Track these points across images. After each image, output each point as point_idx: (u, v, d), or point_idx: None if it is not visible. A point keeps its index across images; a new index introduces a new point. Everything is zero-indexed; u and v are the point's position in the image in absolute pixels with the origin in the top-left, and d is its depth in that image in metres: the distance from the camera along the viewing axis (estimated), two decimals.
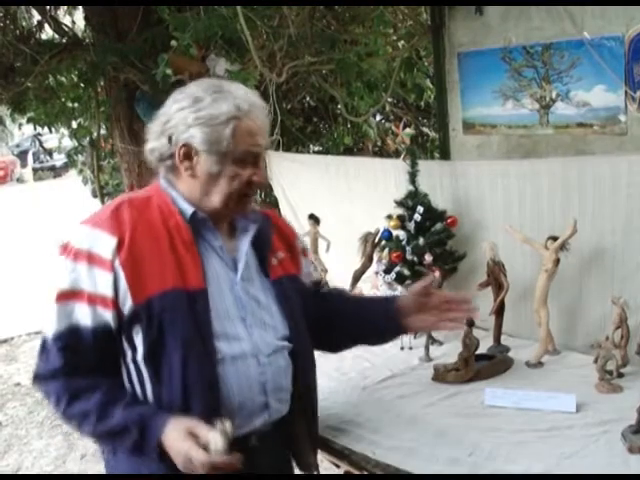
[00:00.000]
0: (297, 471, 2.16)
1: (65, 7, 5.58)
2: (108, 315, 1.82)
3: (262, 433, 1.95)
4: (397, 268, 3.10)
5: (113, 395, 1.84)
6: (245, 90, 1.98)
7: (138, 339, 1.84)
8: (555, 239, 2.64)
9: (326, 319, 2.21)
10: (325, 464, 2.52)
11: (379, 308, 2.26)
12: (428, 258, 3.01)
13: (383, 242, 3.21)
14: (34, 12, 5.36)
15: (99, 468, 2.56)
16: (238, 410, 1.87)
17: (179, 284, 1.85)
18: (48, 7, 5.27)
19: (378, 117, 6.74)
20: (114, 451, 1.95)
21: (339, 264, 3.54)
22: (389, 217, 3.16)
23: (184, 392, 1.82)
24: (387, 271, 3.12)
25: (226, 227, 2.03)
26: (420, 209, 3.07)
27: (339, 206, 3.80)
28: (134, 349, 1.85)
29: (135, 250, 1.84)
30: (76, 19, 5.80)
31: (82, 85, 5.40)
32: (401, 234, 3.15)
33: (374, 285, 3.18)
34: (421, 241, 3.06)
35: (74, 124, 6.22)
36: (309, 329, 2.12)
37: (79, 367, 1.85)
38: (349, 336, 2.30)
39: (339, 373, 2.74)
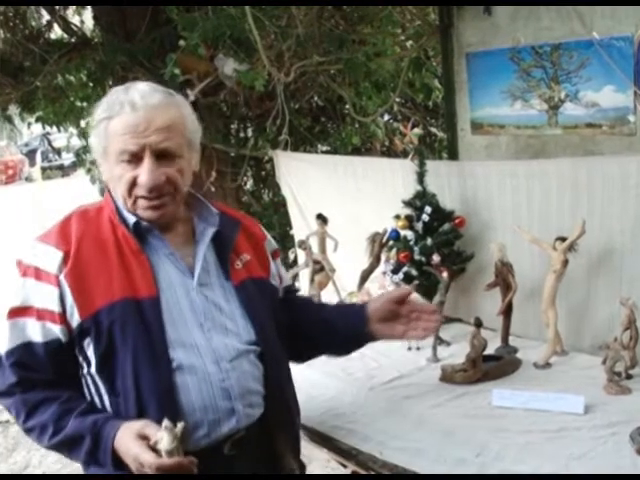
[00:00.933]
0: None
1: (74, 7, 5.60)
2: (57, 330, 1.81)
3: (237, 440, 1.89)
4: (405, 268, 3.10)
5: (70, 406, 1.82)
6: (138, 87, 1.89)
7: (90, 352, 1.82)
8: (563, 240, 2.63)
9: (292, 327, 2.16)
10: (332, 464, 2.52)
11: (347, 316, 2.23)
12: (436, 258, 3.01)
13: (391, 242, 3.21)
14: (43, 12, 5.39)
15: None
16: (201, 418, 1.82)
17: (128, 294, 1.81)
18: (57, 7, 5.30)
19: (386, 117, 6.73)
20: (87, 465, 1.89)
21: (347, 264, 3.54)
22: (397, 217, 3.16)
23: (139, 403, 1.79)
24: (395, 271, 3.12)
25: (183, 232, 1.98)
26: (428, 209, 3.06)
27: (347, 206, 3.80)
28: (88, 362, 1.84)
29: (81, 263, 1.83)
30: (85, 19, 5.83)
31: (91, 84, 5.42)
32: (409, 234, 3.15)
33: (381, 285, 3.18)
34: (429, 241, 3.06)
35: (83, 123, 6.23)
36: (280, 334, 2.07)
37: (35, 381, 1.84)
38: (316, 345, 2.27)
39: (346, 373, 2.73)
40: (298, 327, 2.19)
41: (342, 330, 2.20)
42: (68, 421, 1.79)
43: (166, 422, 1.62)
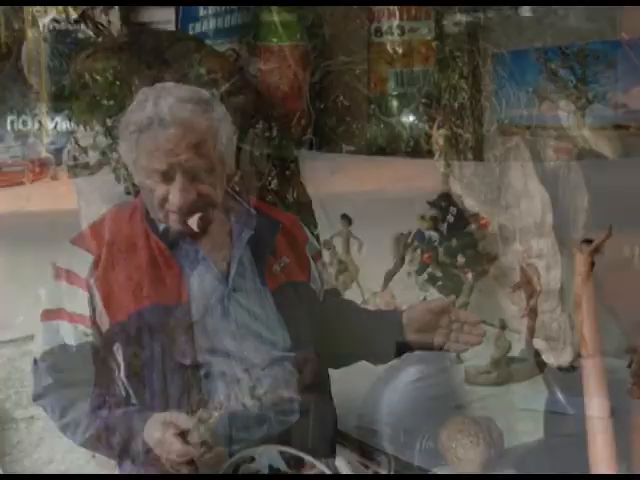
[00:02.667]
0: None
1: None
2: (89, 333, 1.83)
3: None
4: (429, 269, 3.09)
5: (102, 400, 1.83)
6: (167, 99, 1.83)
7: (119, 357, 1.83)
8: (590, 242, 2.60)
9: (329, 332, 2.11)
10: (353, 464, 2.51)
11: (381, 324, 2.15)
12: (460, 259, 3.00)
13: (415, 243, 3.20)
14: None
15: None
16: (230, 426, 1.81)
17: (157, 300, 1.81)
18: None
19: (411, 118, 6.72)
20: (120, 463, 1.91)
21: (371, 264, 3.53)
22: (422, 218, 3.15)
23: (165, 409, 1.79)
24: (419, 272, 3.10)
25: (219, 234, 1.96)
26: (453, 210, 3.05)
27: (371, 206, 3.79)
28: (118, 366, 1.84)
29: (111, 268, 1.83)
30: (112, 18, 5.86)
31: (117, 83, 5.45)
32: (433, 235, 3.13)
33: (405, 286, 3.17)
34: (454, 242, 3.04)
35: (109, 122, 6.27)
36: (317, 339, 2.04)
37: (69, 382, 1.87)
38: (351, 352, 2.21)
39: (369, 373, 2.72)
40: (334, 333, 2.13)
41: (376, 339, 2.12)
42: (100, 415, 1.80)
43: (202, 412, 1.63)
